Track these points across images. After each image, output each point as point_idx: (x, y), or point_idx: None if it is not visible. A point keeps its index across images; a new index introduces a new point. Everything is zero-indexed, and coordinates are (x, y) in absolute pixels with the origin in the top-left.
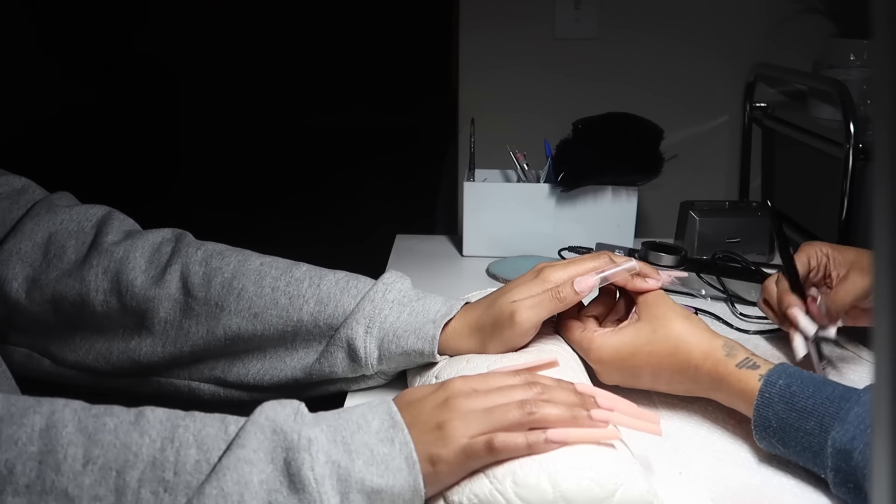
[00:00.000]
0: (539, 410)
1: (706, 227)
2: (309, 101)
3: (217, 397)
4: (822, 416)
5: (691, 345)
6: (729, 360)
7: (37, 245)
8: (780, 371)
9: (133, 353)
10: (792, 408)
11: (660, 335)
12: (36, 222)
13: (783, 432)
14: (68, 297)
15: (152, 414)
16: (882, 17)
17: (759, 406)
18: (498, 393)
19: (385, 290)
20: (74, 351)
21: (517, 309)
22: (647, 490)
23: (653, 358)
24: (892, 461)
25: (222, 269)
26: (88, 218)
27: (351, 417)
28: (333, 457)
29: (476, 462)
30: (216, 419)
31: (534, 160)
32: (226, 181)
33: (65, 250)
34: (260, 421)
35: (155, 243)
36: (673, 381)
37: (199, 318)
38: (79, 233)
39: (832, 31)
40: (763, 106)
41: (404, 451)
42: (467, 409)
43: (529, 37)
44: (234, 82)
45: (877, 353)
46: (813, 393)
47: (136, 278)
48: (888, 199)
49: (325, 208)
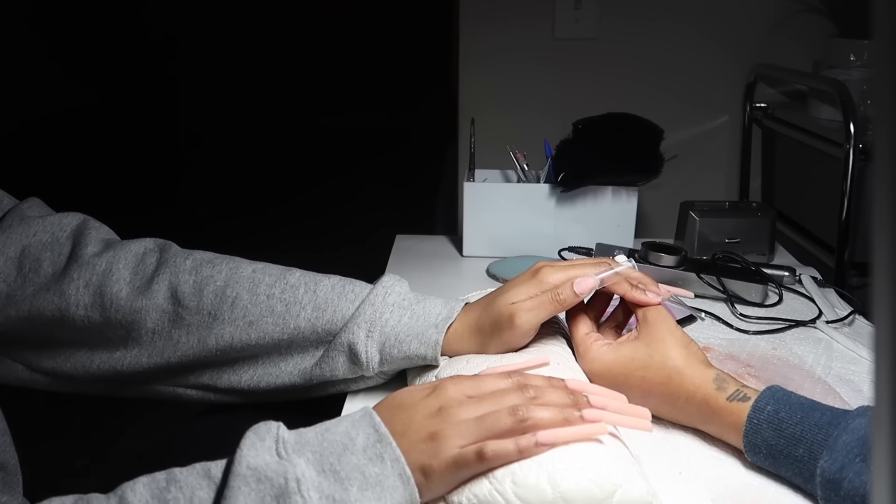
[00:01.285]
0: (531, 415)
1: (706, 228)
2: (309, 102)
3: (206, 401)
4: (811, 444)
5: (684, 377)
6: (719, 394)
7: (10, 259)
8: (768, 396)
9: (116, 364)
10: (780, 434)
11: (655, 361)
12: (7, 235)
13: (773, 458)
14: (46, 313)
15: (135, 497)
16: (882, 17)
17: (747, 433)
18: (490, 399)
19: (385, 293)
20: (52, 359)
21: (516, 311)
22: (647, 490)
23: (644, 383)
24: (892, 466)
25: (214, 277)
26: (63, 228)
27: (335, 438)
28: (326, 491)
29: (468, 471)
30: (201, 477)
31: (534, 160)
32: (226, 181)
33: (40, 264)
34: (242, 472)
35: (138, 254)
36: (661, 407)
37: (191, 328)
38: (54, 244)
39: (832, 31)
40: (763, 106)
41: (396, 467)
42: (459, 418)
43: (529, 37)
44: (234, 83)
45: (877, 353)
46: (801, 419)
47: (121, 290)
48: (888, 199)
49: (325, 208)
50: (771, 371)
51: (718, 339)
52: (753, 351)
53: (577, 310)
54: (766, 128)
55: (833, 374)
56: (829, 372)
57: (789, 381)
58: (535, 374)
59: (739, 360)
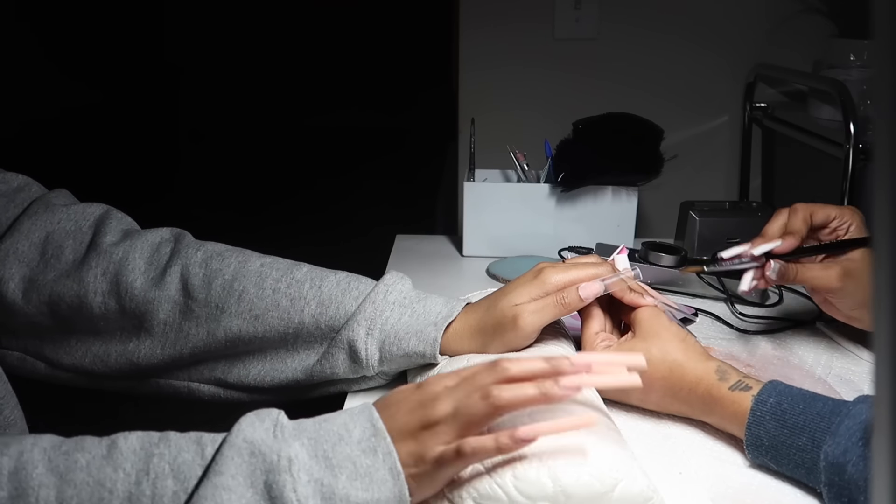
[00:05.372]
0: (503, 395)
1: (706, 227)
2: (309, 102)
3: (217, 398)
4: (814, 432)
5: (685, 368)
6: (722, 384)
7: (34, 245)
8: (770, 389)
9: (131, 356)
10: (783, 425)
11: (654, 356)
12: (33, 221)
13: (775, 450)
14: (66, 299)
15: (125, 443)
16: (882, 17)
17: (750, 425)
18: (464, 384)
19: (386, 291)
20: (70, 354)
21: (520, 313)
22: (647, 486)
23: (645, 378)
24: (892, 463)
25: (223, 270)
26: (86, 217)
27: (332, 428)
28: (316, 475)
29: (452, 469)
30: (192, 441)
31: (534, 160)
32: (226, 181)
33: (62, 250)
34: (237, 443)
35: (154, 244)
36: (663, 402)
37: (200, 320)
38: (76, 232)
39: (832, 31)
40: (763, 106)
41: (388, 461)
42: (437, 415)
43: (529, 37)
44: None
45: (877, 353)
46: (804, 409)
47: (136, 280)
48: (888, 199)
49: (325, 208)
50: (771, 371)
51: (718, 339)
52: (753, 351)
53: (592, 306)
54: (765, 128)
55: (833, 374)
56: (829, 372)
57: (789, 380)
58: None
59: (739, 359)
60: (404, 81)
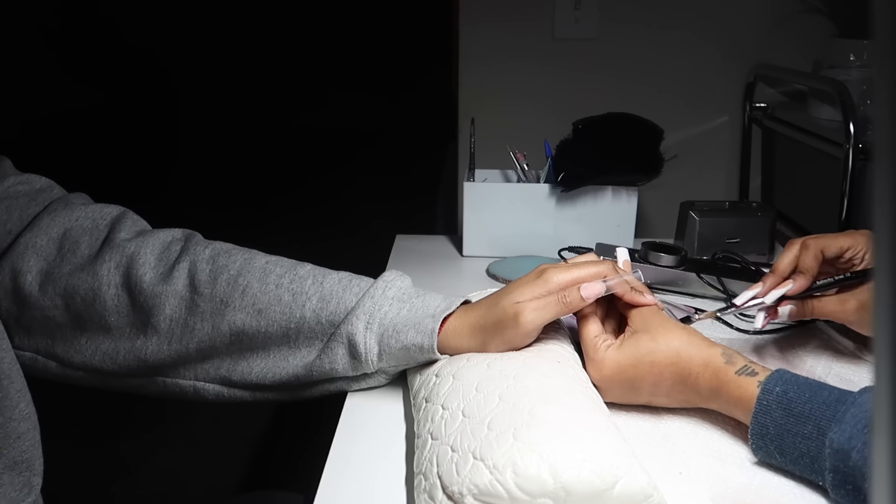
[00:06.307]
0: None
1: (706, 227)
2: (309, 101)
3: (221, 398)
4: (820, 420)
5: (691, 353)
6: (728, 368)
7: (52, 239)
8: (776, 378)
9: (139, 352)
10: (789, 413)
11: (660, 345)
12: (52, 217)
13: (781, 439)
14: (80, 292)
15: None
16: (882, 17)
17: (756, 413)
18: None
19: (385, 287)
20: (80, 352)
21: (522, 310)
22: (648, 483)
23: (654, 368)
24: (892, 461)
25: (228, 266)
26: (103, 216)
27: None
28: None
29: None
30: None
31: (534, 160)
32: (226, 181)
33: (78, 245)
34: None
35: (165, 241)
36: (673, 392)
37: (205, 314)
38: (93, 229)
39: (832, 31)
40: (763, 106)
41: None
42: None
43: (529, 37)
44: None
45: (877, 353)
46: (809, 398)
47: (146, 274)
48: (888, 199)
49: (325, 208)
50: None
51: (718, 339)
52: (753, 351)
53: (588, 310)
54: (765, 128)
55: (833, 374)
56: (830, 372)
57: None
58: None
59: None
60: (404, 81)
